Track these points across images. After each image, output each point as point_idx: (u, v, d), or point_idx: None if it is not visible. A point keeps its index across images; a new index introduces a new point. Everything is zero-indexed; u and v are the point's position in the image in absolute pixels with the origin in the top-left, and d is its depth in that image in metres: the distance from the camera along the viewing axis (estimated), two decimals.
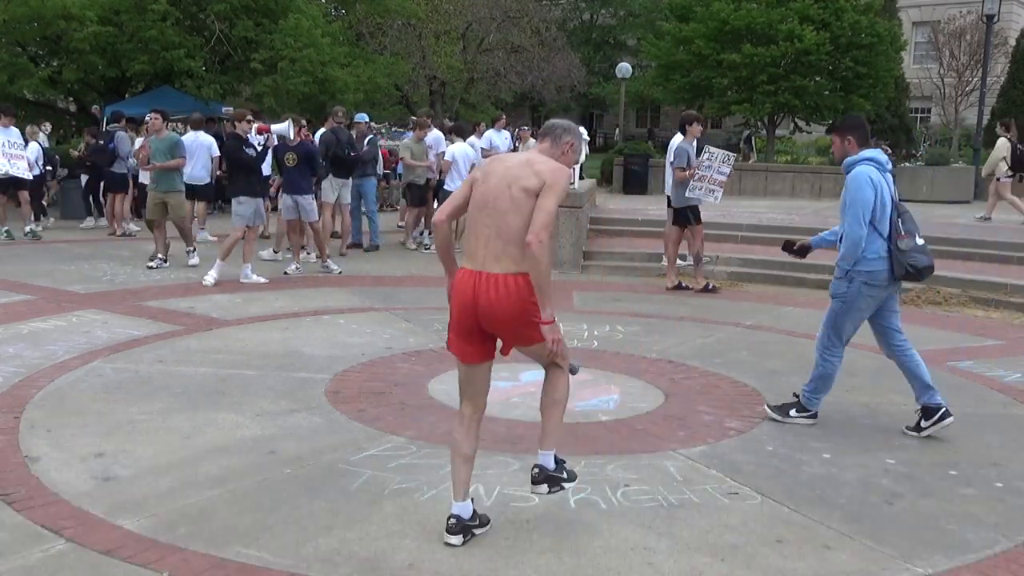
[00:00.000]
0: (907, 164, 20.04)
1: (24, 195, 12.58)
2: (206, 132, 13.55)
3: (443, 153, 12.66)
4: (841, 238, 5.29)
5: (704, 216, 12.02)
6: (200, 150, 13.05)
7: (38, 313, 7.86)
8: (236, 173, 9.95)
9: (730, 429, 5.32)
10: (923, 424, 5.32)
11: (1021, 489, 4.51)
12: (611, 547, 3.73)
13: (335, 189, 11.62)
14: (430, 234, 12.17)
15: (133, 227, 13.77)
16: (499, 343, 3.78)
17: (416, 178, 12.92)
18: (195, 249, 10.86)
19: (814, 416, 5.50)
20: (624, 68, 29.31)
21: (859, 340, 7.74)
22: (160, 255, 10.63)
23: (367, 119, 13.64)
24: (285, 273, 10.20)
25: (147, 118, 10.75)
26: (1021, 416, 5.78)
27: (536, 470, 3.81)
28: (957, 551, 3.80)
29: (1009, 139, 14.34)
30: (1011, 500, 4.37)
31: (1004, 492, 4.47)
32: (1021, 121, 26.86)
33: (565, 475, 3.84)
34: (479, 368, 3.76)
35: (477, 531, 3.75)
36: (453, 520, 3.69)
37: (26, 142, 12.89)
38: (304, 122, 12.07)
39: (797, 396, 5.55)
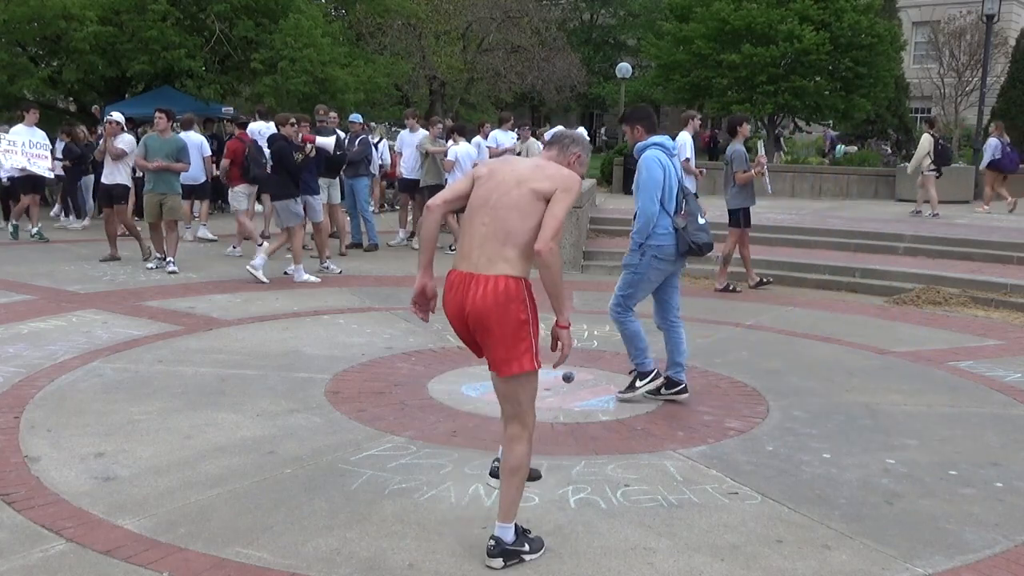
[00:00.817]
0: (907, 164, 20.00)
1: (35, 197, 12.56)
2: (205, 132, 13.57)
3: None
4: (635, 216, 5.71)
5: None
6: (191, 150, 13.05)
7: (38, 313, 7.86)
8: (281, 174, 10.02)
9: (730, 429, 5.32)
10: (647, 387, 5.75)
11: (1021, 489, 4.51)
12: (611, 547, 3.73)
13: (323, 188, 11.64)
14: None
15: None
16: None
17: (433, 179, 12.57)
18: (174, 260, 10.42)
19: (657, 375, 5.80)
20: (624, 68, 29.33)
21: (859, 340, 7.78)
22: (158, 254, 10.57)
23: (360, 119, 13.62)
24: (285, 273, 10.21)
25: (155, 117, 10.61)
26: (1021, 416, 5.78)
27: (492, 542, 3.50)
28: (957, 551, 3.80)
29: (932, 135, 15.44)
30: (1011, 500, 4.36)
31: (1004, 492, 4.47)
32: (1021, 121, 26.95)
33: (527, 546, 3.55)
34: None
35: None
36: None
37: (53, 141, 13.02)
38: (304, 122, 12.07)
39: (633, 371, 5.87)
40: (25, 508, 3.93)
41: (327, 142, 10.76)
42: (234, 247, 11.90)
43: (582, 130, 14.93)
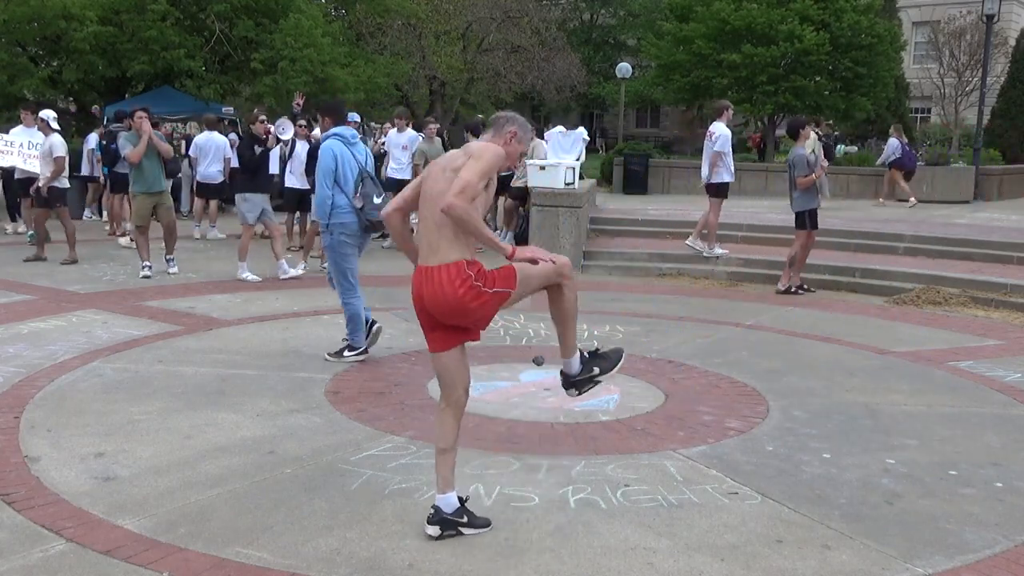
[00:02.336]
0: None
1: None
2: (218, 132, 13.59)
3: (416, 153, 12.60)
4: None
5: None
6: (214, 149, 13.05)
7: (38, 313, 7.86)
8: (241, 171, 10.13)
9: (730, 429, 5.31)
10: (354, 358, 6.57)
11: (1021, 489, 4.51)
12: (611, 547, 3.73)
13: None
14: None
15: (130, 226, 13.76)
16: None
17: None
18: (174, 258, 10.30)
19: (365, 352, 6.63)
20: (624, 68, 29.32)
21: (859, 340, 7.78)
22: (149, 261, 10.04)
23: (358, 119, 13.62)
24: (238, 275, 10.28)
25: (136, 117, 9.94)
26: (1021, 416, 5.78)
27: (561, 378, 3.99)
28: (957, 551, 3.80)
29: (817, 132, 16.55)
30: (1011, 500, 4.36)
31: (1004, 492, 4.47)
32: (1021, 121, 26.96)
33: (595, 370, 3.99)
34: (444, 357, 3.76)
35: (465, 530, 3.74)
36: (431, 511, 3.72)
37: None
38: (304, 122, 12.07)
39: (347, 340, 6.65)
40: (25, 508, 3.93)
41: (286, 128, 10.69)
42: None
43: (582, 130, 14.90)
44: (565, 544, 3.74)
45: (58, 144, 10.98)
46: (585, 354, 4.00)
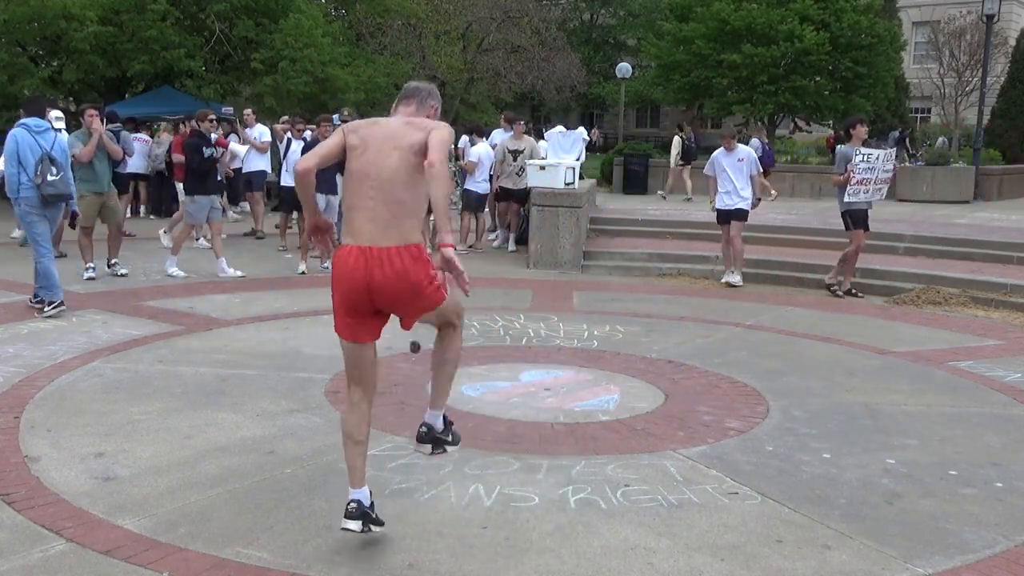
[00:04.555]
0: (907, 164, 20.04)
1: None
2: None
3: None
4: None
5: (705, 216, 12.01)
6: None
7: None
8: (189, 171, 10.26)
9: (730, 429, 5.31)
10: (53, 311, 7.66)
11: (1021, 489, 4.51)
12: (611, 547, 3.73)
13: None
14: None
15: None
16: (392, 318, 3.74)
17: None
18: (119, 261, 10.01)
19: (61, 304, 7.74)
20: (624, 68, 29.30)
21: (859, 340, 7.78)
22: (92, 263, 9.76)
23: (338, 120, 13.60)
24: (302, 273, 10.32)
25: (87, 115, 9.70)
26: (1021, 416, 5.78)
27: (424, 428, 3.78)
28: (957, 551, 3.80)
29: (681, 136, 19.87)
30: (1011, 500, 4.36)
31: (1004, 492, 4.47)
32: (1021, 121, 26.95)
33: (450, 438, 3.83)
34: (367, 348, 3.68)
35: (375, 528, 3.61)
36: (353, 505, 3.58)
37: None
38: (302, 122, 12.08)
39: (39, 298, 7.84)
40: (25, 508, 3.93)
41: (238, 150, 10.80)
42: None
43: (582, 130, 14.89)
44: (565, 544, 3.74)
45: (72, 141, 10.92)
46: (447, 418, 3.89)
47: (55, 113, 11.79)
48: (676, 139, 19.93)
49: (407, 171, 3.45)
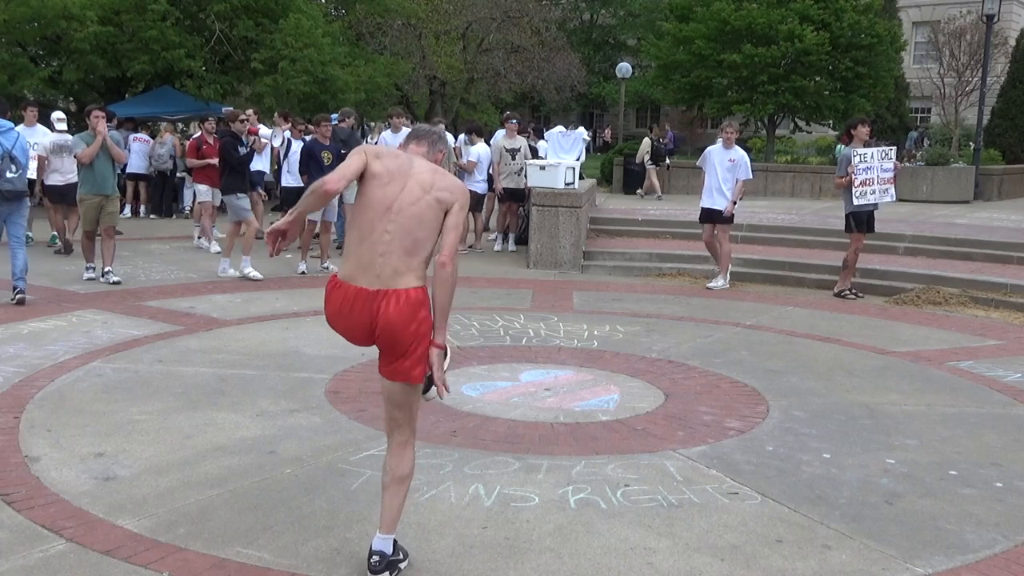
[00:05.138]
0: (907, 164, 20.04)
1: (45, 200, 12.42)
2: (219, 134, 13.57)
3: None
4: None
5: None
6: None
7: (38, 313, 7.86)
8: (226, 169, 10.24)
9: (730, 429, 5.31)
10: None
11: (1021, 489, 4.52)
12: (611, 547, 3.73)
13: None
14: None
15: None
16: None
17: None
18: (113, 270, 9.55)
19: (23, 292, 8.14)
20: (624, 68, 29.33)
21: (859, 340, 7.78)
22: (93, 264, 9.60)
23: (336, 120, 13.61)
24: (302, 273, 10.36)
25: (93, 117, 9.45)
26: (1021, 416, 5.78)
27: (375, 558, 3.41)
28: (957, 551, 3.80)
29: (651, 138, 20.50)
30: (1011, 500, 4.37)
31: (1004, 492, 4.47)
32: (1021, 121, 26.92)
33: (401, 555, 3.50)
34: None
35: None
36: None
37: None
38: (302, 122, 12.08)
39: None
40: (25, 508, 3.93)
41: (267, 132, 10.91)
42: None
43: (582, 130, 14.87)
44: (565, 544, 3.74)
45: (75, 141, 10.91)
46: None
47: (57, 115, 11.83)
48: (646, 140, 20.43)
49: (428, 219, 3.34)
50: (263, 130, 14.46)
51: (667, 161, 21.04)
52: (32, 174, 11.47)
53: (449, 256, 3.31)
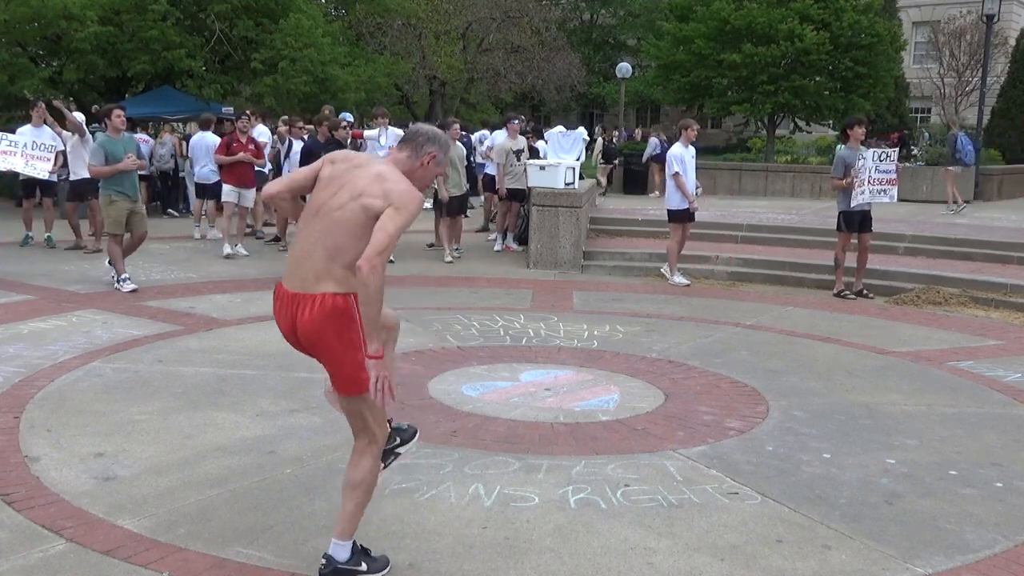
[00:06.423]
0: (907, 164, 20.03)
1: (47, 201, 12.37)
2: (214, 133, 13.58)
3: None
4: None
5: (706, 216, 12.00)
6: (206, 149, 13.06)
7: (38, 313, 7.86)
8: None
9: (730, 429, 5.31)
10: None
11: (1021, 489, 4.52)
12: (611, 547, 3.73)
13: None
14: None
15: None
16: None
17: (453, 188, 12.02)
18: (128, 277, 9.08)
19: None
20: (624, 68, 29.30)
21: (859, 340, 7.78)
22: (126, 273, 9.06)
23: (351, 119, 13.60)
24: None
25: (114, 116, 9.05)
26: (1021, 416, 5.78)
27: (323, 562, 3.34)
28: (957, 551, 3.80)
29: (603, 138, 22.40)
30: (1011, 500, 4.37)
31: (1004, 492, 4.47)
32: (1021, 121, 26.90)
33: (364, 565, 3.36)
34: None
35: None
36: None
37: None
38: (301, 122, 12.08)
39: None
40: (25, 508, 3.93)
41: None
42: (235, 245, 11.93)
43: (582, 130, 14.87)
44: (565, 544, 3.74)
45: (95, 149, 10.87)
46: (358, 545, 3.42)
47: (80, 116, 11.83)
48: (599, 141, 22.10)
49: (352, 226, 3.17)
50: (258, 129, 14.46)
51: (615, 162, 22.20)
52: (41, 174, 11.53)
53: (367, 258, 3.03)
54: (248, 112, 14.05)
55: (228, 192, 11.91)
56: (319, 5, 24.45)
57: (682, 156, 10.47)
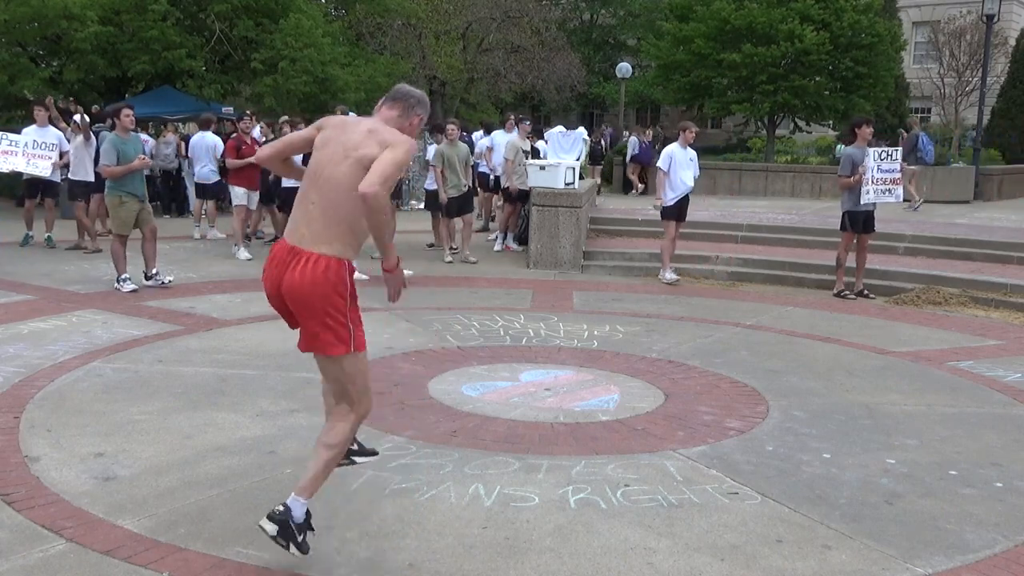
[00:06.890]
0: (907, 164, 20.03)
1: (49, 202, 12.34)
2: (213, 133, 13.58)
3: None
4: None
5: (706, 216, 12.00)
6: (206, 149, 13.06)
7: (38, 313, 7.86)
8: None
9: (730, 429, 5.31)
10: None
11: (1021, 489, 4.52)
12: (611, 547, 3.73)
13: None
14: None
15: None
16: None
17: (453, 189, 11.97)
18: (159, 271, 9.31)
19: None
20: (624, 68, 29.30)
21: (859, 340, 7.78)
22: (127, 274, 9.04)
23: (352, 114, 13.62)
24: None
25: (123, 115, 9.04)
26: (1021, 416, 5.78)
27: (279, 508, 3.40)
28: (957, 551, 3.80)
29: (587, 139, 20.81)
30: (1011, 500, 4.37)
31: (1004, 492, 4.47)
32: (1021, 121, 26.90)
33: (300, 537, 3.40)
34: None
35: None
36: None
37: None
38: (301, 123, 12.07)
39: None
40: (25, 508, 3.93)
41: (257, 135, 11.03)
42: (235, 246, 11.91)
43: (582, 130, 14.88)
44: (565, 544, 3.74)
45: (106, 149, 10.86)
46: (311, 516, 3.52)
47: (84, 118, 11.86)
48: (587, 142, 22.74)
49: (351, 186, 3.24)
50: (257, 132, 14.47)
51: (602, 163, 22.67)
52: (44, 172, 11.53)
53: (368, 184, 3.14)
54: (248, 112, 14.07)
55: (239, 195, 11.79)
56: (319, 5, 24.45)
57: (672, 155, 10.52)
